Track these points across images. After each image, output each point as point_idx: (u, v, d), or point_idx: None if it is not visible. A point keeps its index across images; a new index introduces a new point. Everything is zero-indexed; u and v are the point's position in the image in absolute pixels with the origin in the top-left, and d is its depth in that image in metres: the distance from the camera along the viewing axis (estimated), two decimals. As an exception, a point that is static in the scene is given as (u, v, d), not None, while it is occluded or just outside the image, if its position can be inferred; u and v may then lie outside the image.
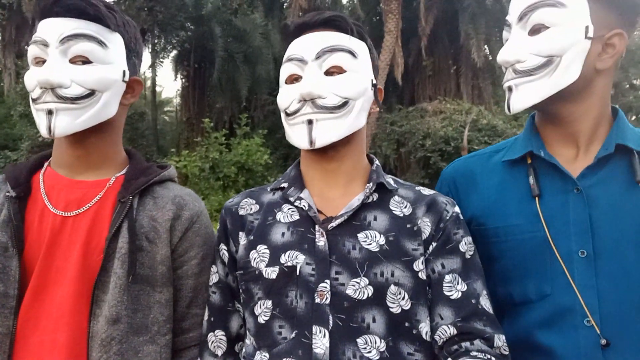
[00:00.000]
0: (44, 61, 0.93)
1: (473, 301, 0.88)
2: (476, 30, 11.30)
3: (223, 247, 0.99)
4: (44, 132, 0.92)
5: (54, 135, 0.92)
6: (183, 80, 15.01)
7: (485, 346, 0.84)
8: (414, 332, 0.86)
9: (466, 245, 0.92)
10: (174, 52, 14.47)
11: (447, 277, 0.89)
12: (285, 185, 0.99)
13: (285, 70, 0.96)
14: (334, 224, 0.90)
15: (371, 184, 0.94)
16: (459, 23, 11.62)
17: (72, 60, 0.93)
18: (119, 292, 0.91)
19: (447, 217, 0.93)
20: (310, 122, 0.91)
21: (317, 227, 0.90)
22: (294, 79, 0.95)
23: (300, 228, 0.91)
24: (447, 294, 0.88)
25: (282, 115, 0.98)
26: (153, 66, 15.07)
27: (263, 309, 0.89)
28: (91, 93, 0.94)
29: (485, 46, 12.00)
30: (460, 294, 0.88)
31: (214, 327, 0.98)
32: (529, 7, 0.91)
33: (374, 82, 0.98)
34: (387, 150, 10.92)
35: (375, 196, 0.95)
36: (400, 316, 0.85)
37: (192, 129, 13.58)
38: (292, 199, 0.95)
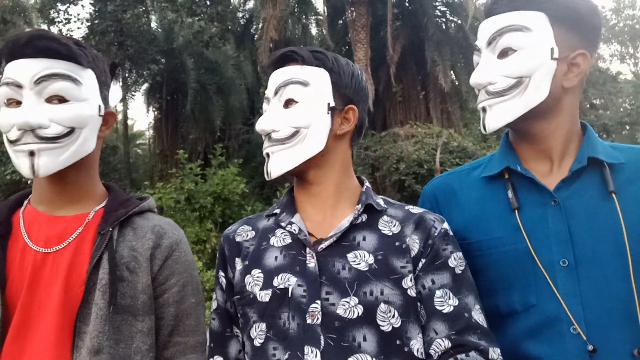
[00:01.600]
0: (17, 102, 0.94)
1: (466, 315, 0.89)
2: (442, 57, 11.71)
3: (221, 273, 1.02)
4: (26, 172, 0.93)
5: (38, 175, 0.93)
6: (155, 112, 14.93)
7: (480, 357, 0.85)
8: (406, 349, 0.87)
9: (456, 260, 0.94)
10: (146, 85, 14.43)
11: (438, 293, 0.91)
12: (277, 211, 1.02)
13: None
14: (323, 245, 0.93)
15: (360, 205, 0.97)
16: (425, 51, 12.03)
17: (48, 100, 0.94)
18: (100, 323, 0.91)
19: (435, 234, 0.94)
20: (267, 155, 0.98)
21: (307, 249, 0.93)
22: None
23: (292, 251, 0.94)
24: (439, 308, 0.90)
25: None
26: (124, 100, 14.96)
27: (258, 332, 0.91)
28: (71, 131, 0.96)
29: (452, 72, 12.43)
30: (452, 308, 0.89)
31: (213, 353, 1.01)
32: (496, 32, 0.96)
33: (331, 104, 0.97)
34: (363, 175, 11.01)
35: (364, 217, 0.97)
36: (391, 334, 0.87)
37: (166, 161, 13.44)
38: (283, 224, 0.98)
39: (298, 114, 0.95)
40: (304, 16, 14.05)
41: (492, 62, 0.98)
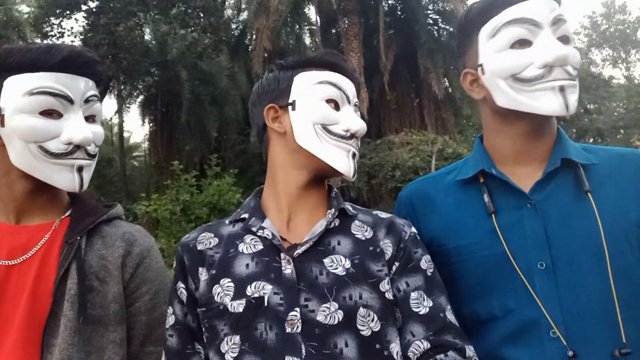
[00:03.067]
0: (56, 113, 0.93)
1: (441, 315, 0.89)
2: (434, 64, 11.81)
3: (181, 285, 0.96)
4: (72, 186, 0.95)
5: (82, 189, 0.96)
6: (151, 124, 14.94)
7: (459, 357, 0.85)
8: (385, 353, 0.86)
9: (426, 263, 0.94)
10: (141, 97, 14.46)
11: (413, 295, 0.90)
12: (245, 216, 0.98)
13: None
14: (299, 250, 0.90)
15: (333, 209, 0.96)
16: (417, 58, 12.13)
17: (86, 118, 0.98)
18: (69, 335, 0.88)
19: (406, 237, 0.95)
20: (354, 155, 0.98)
21: (282, 255, 0.90)
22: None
23: (265, 258, 0.91)
24: (416, 310, 0.89)
25: None
26: (120, 112, 14.97)
27: (230, 346, 0.86)
28: (98, 149, 1.02)
29: (445, 79, 12.53)
30: (427, 309, 0.89)
31: None
32: (559, 16, 0.95)
33: None
34: (359, 183, 11.05)
35: (337, 222, 0.96)
36: (370, 338, 0.85)
37: (161, 173, 13.42)
38: (254, 229, 0.95)
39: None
40: (297, 26, 14.15)
41: (560, 44, 0.94)
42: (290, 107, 0.97)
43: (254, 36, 12.64)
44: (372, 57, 12.37)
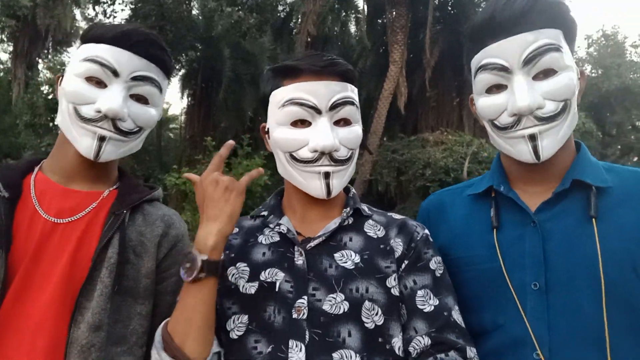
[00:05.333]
0: (100, 82, 0.97)
1: (445, 314, 0.91)
2: (480, 64, 11.48)
3: None
4: (88, 152, 0.96)
5: (100, 159, 0.97)
6: (189, 98, 15.19)
7: (459, 357, 0.86)
8: (387, 347, 0.88)
9: (436, 264, 0.96)
10: (182, 71, 14.69)
11: (420, 292, 0.92)
12: (265, 213, 1.04)
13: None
14: (312, 244, 0.95)
15: (349, 208, 1.00)
16: (463, 57, 11.83)
17: (131, 95, 0.99)
18: (103, 300, 0.92)
19: (418, 238, 0.97)
20: (327, 175, 0.95)
21: (296, 247, 0.95)
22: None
23: (280, 248, 0.96)
24: (421, 307, 0.91)
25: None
26: (161, 83, 15.26)
27: (237, 324, 0.90)
28: (139, 130, 1.03)
29: (489, 80, 12.18)
30: (432, 307, 0.91)
31: None
32: (535, 50, 0.89)
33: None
34: (388, 178, 10.95)
35: (350, 220, 1.00)
36: (374, 331, 0.88)
37: (195, 147, 13.67)
38: (272, 225, 1.00)
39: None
40: (343, 13, 14.01)
41: (531, 84, 0.90)
42: (267, 135, 1.02)
43: (299, 20, 12.60)
44: (416, 51, 12.14)
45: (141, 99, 1.01)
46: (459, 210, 1.08)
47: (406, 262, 0.94)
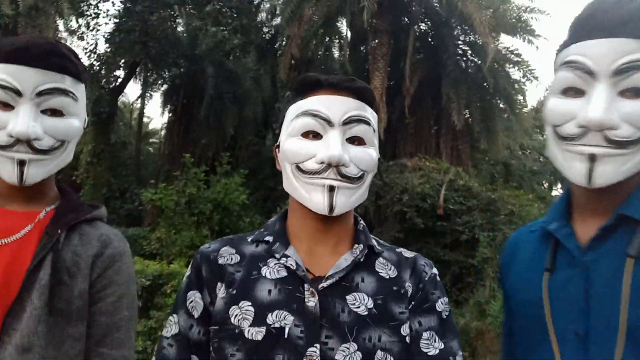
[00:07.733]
0: (7, 105, 0.93)
1: (451, 359, 0.89)
2: (458, 95, 11.79)
3: (196, 295, 0.93)
4: (12, 179, 0.94)
5: (25, 183, 0.94)
6: (170, 114, 15.09)
7: None
8: None
9: (442, 305, 0.93)
10: (164, 87, 14.63)
11: (425, 335, 0.89)
12: (269, 239, 0.96)
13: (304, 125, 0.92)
14: (324, 284, 0.88)
15: (361, 245, 0.94)
16: (441, 86, 12.14)
17: (43, 111, 0.95)
18: (33, 322, 0.90)
19: (426, 278, 0.94)
20: (332, 188, 0.89)
21: (306, 286, 0.88)
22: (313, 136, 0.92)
23: (288, 286, 0.89)
24: (425, 350, 0.88)
25: (292, 167, 0.93)
26: (142, 97, 15.17)
27: None
28: (61, 144, 0.99)
29: (466, 111, 12.50)
30: (437, 351, 0.88)
31: None
32: (633, 62, 0.76)
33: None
34: (366, 202, 11.01)
35: (362, 258, 0.94)
36: None
37: (173, 163, 13.50)
38: (277, 256, 0.92)
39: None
40: (327, 38, 14.26)
41: (616, 99, 0.78)
42: (277, 150, 0.98)
43: (284, 42, 12.77)
44: (397, 79, 12.41)
45: (56, 112, 0.96)
46: (528, 249, 0.99)
47: (413, 302, 0.91)
